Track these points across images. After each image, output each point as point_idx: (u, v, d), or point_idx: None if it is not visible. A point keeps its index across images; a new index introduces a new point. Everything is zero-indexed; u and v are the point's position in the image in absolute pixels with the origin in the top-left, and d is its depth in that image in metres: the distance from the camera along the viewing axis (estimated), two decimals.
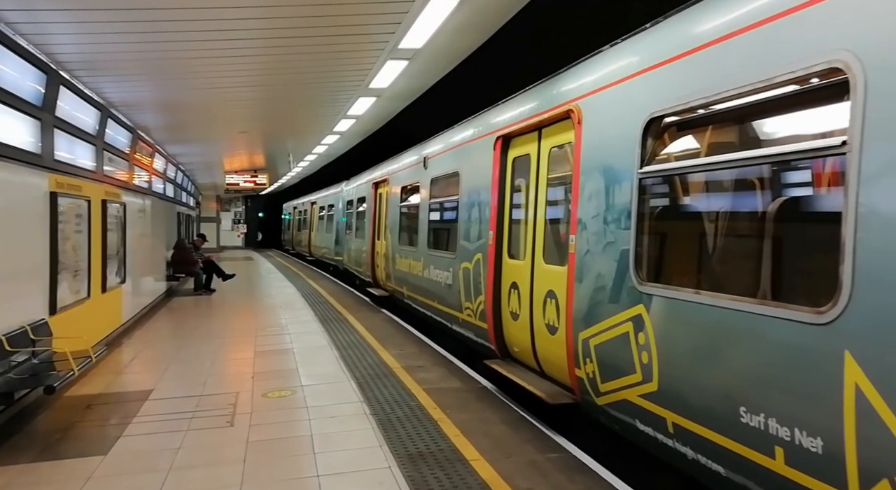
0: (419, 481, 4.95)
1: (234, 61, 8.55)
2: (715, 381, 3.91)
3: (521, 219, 7.39)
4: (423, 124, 16.54)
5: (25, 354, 6.67)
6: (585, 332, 5.44)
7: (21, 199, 6.95)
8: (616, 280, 5.01)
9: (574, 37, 21.59)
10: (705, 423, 3.96)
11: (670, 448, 4.37)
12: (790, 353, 3.35)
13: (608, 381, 5.12)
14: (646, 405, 4.60)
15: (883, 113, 2.91)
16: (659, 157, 4.70)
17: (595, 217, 5.39)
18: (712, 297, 3.92)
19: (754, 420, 3.54)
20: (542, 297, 6.55)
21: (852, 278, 2.98)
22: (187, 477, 5.13)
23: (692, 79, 4.22)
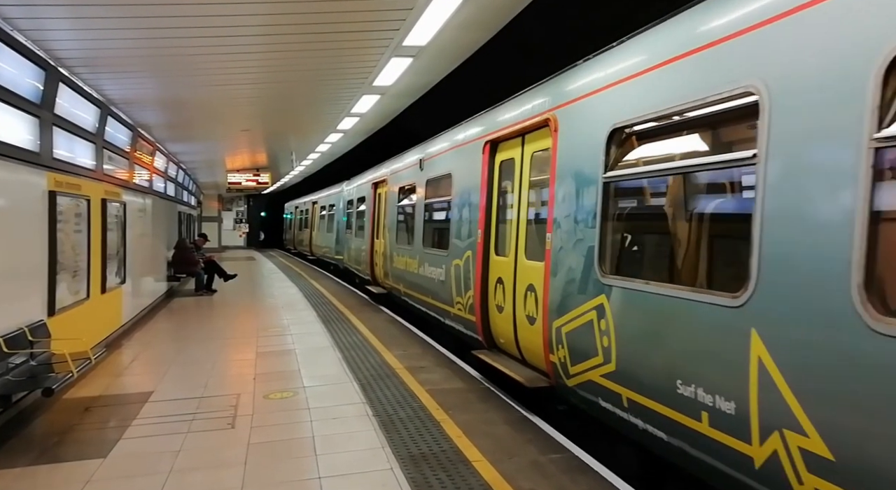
0: (421, 483, 4.89)
1: (236, 58, 8.49)
2: (659, 359, 4.58)
3: (506, 218, 7.96)
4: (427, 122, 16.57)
5: (23, 356, 6.61)
6: (558, 321, 6.06)
7: (19, 199, 6.88)
8: (584, 274, 5.64)
9: (578, 34, 21.52)
10: (651, 396, 4.63)
11: (625, 421, 5.02)
12: (712, 332, 4.03)
13: (576, 365, 5.74)
14: (606, 384, 5.24)
15: (782, 131, 3.55)
16: (619, 163, 5.33)
17: (567, 217, 6.02)
18: (657, 286, 4.63)
19: (687, 391, 4.19)
20: (524, 291, 7.13)
21: (758, 268, 3.63)
22: (188, 480, 5.07)
23: (646, 95, 4.89)
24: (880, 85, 3.00)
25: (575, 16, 24.12)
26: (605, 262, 5.36)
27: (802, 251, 3.38)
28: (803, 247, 3.38)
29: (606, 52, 5.81)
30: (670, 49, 4.66)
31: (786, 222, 3.50)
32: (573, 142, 6.06)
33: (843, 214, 3.15)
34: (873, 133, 3.01)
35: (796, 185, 3.47)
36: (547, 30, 23.32)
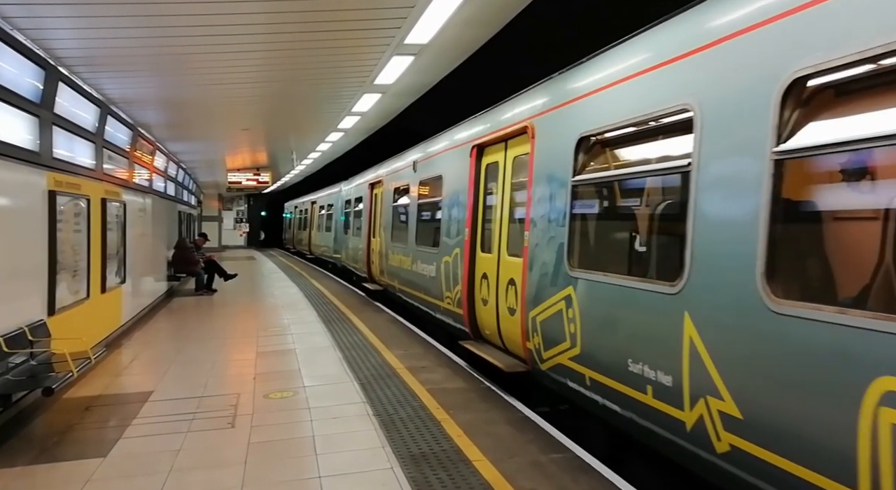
0: (422, 482, 4.88)
1: (236, 57, 8.48)
2: (614, 341, 5.29)
3: (491, 217, 8.58)
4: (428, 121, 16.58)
5: (23, 356, 6.60)
6: (534, 311, 6.72)
7: (19, 198, 6.87)
8: (555, 268, 6.30)
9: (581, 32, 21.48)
10: (608, 374, 5.30)
11: (589, 398, 5.65)
12: (655, 316, 4.67)
13: (548, 350, 6.41)
14: (573, 366, 5.89)
15: (710, 144, 4.19)
16: (585, 168, 5.97)
17: (542, 216, 6.65)
18: (613, 277, 5.32)
19: (636, 368, 4.85)
20: (506, 285, 7.75)
21: (690, 261, 4.28)
22: (187, 479, 5.05)
23: (607, 108, 5.55)
24: (779, 107, 3.61)
25: (578, 12, 24.11)
26: (573, 257, 6.04)
27: (722, 246, 4.04)
28: (723, 242, 4.04)
29: (575, 68, 6.51)
30: (626, 68, 5.33)
31: (710, 222, 4.18)
32: (548, 148, 6.72)
33: (751, 215, 3.76)
34: (773, 147, 3.62)
35: (718, 190, 4.15)
36: (548, 27, 23.29)
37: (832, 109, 3.55)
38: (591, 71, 6.08)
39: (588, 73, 6.11)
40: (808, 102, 3.58)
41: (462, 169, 9.43)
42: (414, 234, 12.24)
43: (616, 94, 5.42)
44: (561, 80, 6.76)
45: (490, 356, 7.74)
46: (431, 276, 10.74)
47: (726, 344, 3.95)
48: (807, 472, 3.33)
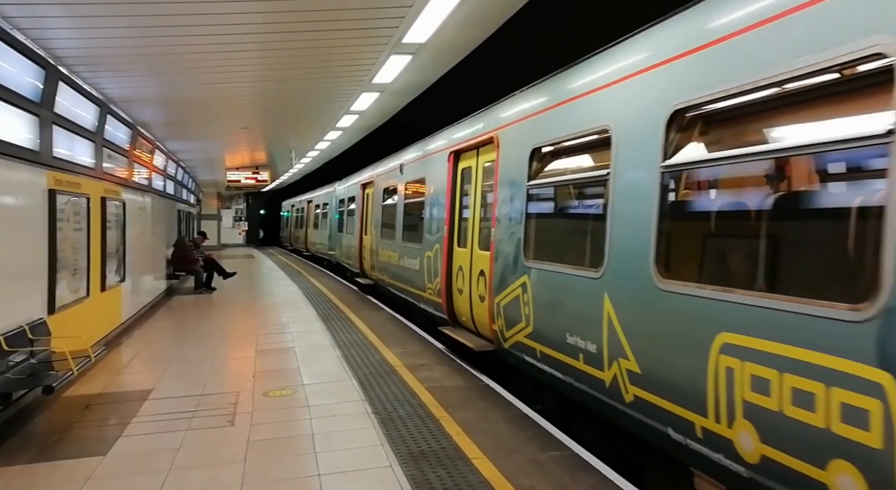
0: (421, 480, 4.90)
1: (235, 56, 8.49)
2: (556, 319, 6.29)
3: (466, 216, 9.56)
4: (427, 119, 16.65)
5: (23, 354, 6.61)
6: (498, 296, 7.68)
7: (19, 197, 6.88)
8: (514, 259, 7.29)
9: (580, 30, 21.49)
10: (552, 347, 6.29)
11: (539, 369, 6.62)
12: (585, 297, 5.63)
13: (509, 330, 7.36)
14: (527, 342, 6.87)
15: (622, 157, 5.25)
16: (538, 175, 7.00)
17: (505, 215, 7.64)
18: (555, 265, 6.38)
19: (572, 340, 5.84)
20: (477, 275, 8.70)
21: (608, 251, 5.29)
22: (187, 477, 5.08)
23: (551, 125, 6.64)
24: (664, 131, 4.62)
25: (575, 11, 24.09)
26: (528, 250, 7.05)
27: (629, 239, 5.04)
28: (629, 237, 5.04)
29: (529, 89, 7.60)
30: (565, 92, 6.43)
31: (622, 220, 5.18)
32: (509, 156, 7.71)
33: (646, 215, 4.76)
34: (661, 162, 4.64)
35: (627, 195, 5.15)
36: (546, 26, 23.27)
37: (699, 134, 4.54)
38: (540, 93, 7.18)
39: (538, 95, 7.20)
40: (683, 128, 4.58)
41: (442, 172, 10.46)
42: (401, 231, 13.24)
43: (559, 114, 6.51)
44: (520, 98, 7.81)
45: (463, 338, 8.72)
46: (416, 270, 11.74)
47: (631, 315, 5.00)
48: (679, 409, 4.35)
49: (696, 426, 4.18)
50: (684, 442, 4.33)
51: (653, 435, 4.73)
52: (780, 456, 3.53)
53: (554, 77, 6.94)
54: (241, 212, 45.75)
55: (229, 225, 44.24)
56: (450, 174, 10.08)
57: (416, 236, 12.02)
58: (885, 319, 2.95)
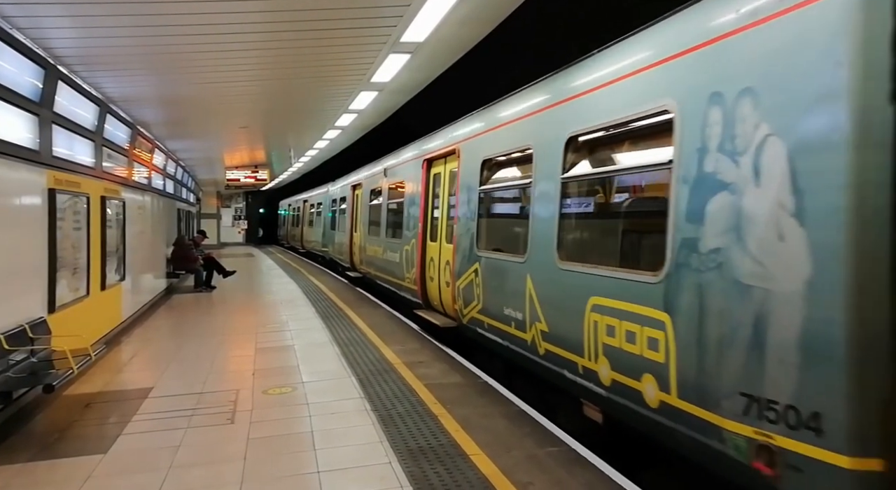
0: (420, 477, 4.93)
1: (234, 55, 8.51)
2: (497, 296, 7.78)
3: (436, 214, 11.03)
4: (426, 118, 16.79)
5: (24, 353, 6.63)
6: (458, 281, 9.14)
7: (19, 196, 6.90)
8: (469, 250, 8.73)
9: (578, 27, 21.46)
10: (495, 318, 7.79)
11: (488, 338, 8.08)
12: (515, 278, 7.17)
13: (466, 308, 8.87)
14: (479, 316, 8.37)
15: (539, 170, 6.68)
16: (486, 181, 8.51)
17: (464, 214, 9.07)
18: (496, 254, 7.99)
19: (507, 311, 7.38)
20: (444, 265, 10.13)
21: (529, 242, 6.80)
22: (187, 475, 5.11)
23: (494, 142, 8.22)
24: (563, 152, 6.16)
25: (573, 9, 24.05)
26: (480, 242, 8.53)
27: (542, 232, 6.56)
28: (543, 229, 6.55)
29: (479, 112, 9.22)
30: (502, 118, 8.06)
31: (538, 218, 6.68)
32: (467, 165, 9.12)
33: (552, 213, 6.34)
34: (560, 175, 6.20)
35: (541, 198, 6.64)
36: (544, 25, 23.25)
37: (582, 155, 6.12)
38: (487, 115, 8.78)
39: (486, 116, 8.79)
40: (573, 150, 6.14)
41: (417, 177, 11.98)
42: (384, 228, 14.79)
43: (500, 133, 8.06)
44: (475, 118, 9.37)
45: (433, 318, 10.17)
46: (397, 262, 13.27)
47: (543, 289, 6.54)
48: (570, 354, 5.88)
49: (579, 365, 5.74)
50: (573, 379, 5.88)
51: (557, 377, 6.24)
52: (621, 377, 5.08)
53: (497, 103, 8.55)
54: (240, 211, 45.76)
55: (229, 224, 44.26)
56: (423, 178, 11.64)
57: (397, 232, 13.53)
58: (666, 281, 4.52)
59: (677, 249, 4.45)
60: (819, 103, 3.44)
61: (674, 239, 4.49)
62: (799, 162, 3.53)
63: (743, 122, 3.96)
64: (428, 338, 10.41)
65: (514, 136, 7.60)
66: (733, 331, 3.89)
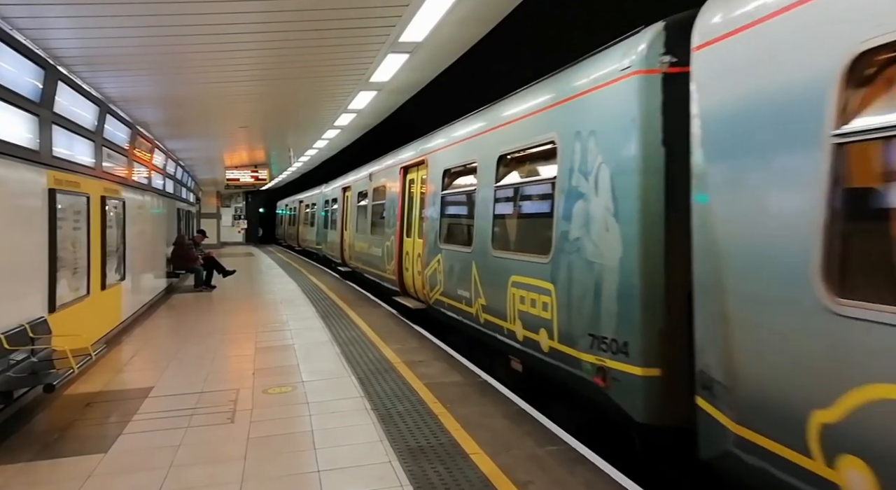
0: (419, 476, 4.94)
1: (233, 55, 8.52)
2: (454, 280, 9.39)
3: (410, 214, 12.86)
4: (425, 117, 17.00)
5: (24, 353, 6.64)
6: (426, 270, 10.97)
7: (20, 196, 6.91)
8: (434, 244, 10.58)
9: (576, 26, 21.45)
10: (452, 298, 9.46)
11: (450, 316, 9.69)
12: (464, 264, 8.83)
13: (432, 292, 10.64)
14: (441, 298, 10.10)
15: (481, 179, 8.47)
16: (447, 187, 10.31)
17: (430, 214, 10.96)
18: (452, 246, 9.64)
19: (459, 292, 9.05)
20: (416, 257, 11.89)
21: (475, 236, 8.49)
22: (188, 474, 5.12)
23: (454, 156, 9.97)
24: (496, 165, 7.92)
25: (573, 9, 24.03)
26: (441, 237, 10.34)
27: (482, 228, 8.27)
28: (483, 226, 8.26)
29: (442, 129, 11.20)
30: (455, 136, 10.04)
31: (480, 217, 8.41)
32: (433, 173, 11.06)
33: (489, 213, 8.10)
34: (494, 184, 7.98)
35: (482, 202, 8.35)
36: (543, 24, 23.24)
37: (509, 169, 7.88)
38: (447, 132, 10.74)
39: (446, 134, 10.73)
40: (503, 165, 7.93)
41: (396, 181, 13.78)
42: (369, 226, 16.71)
43: (455, 149, 10.00)
44: (439, 134, 11.24)
45: (407, 302, 12.13)
46: (379, 256, 15.21)
47: (482, 273, 8.29)
48: (500, 321, 7.60)
49: (505, 328, 7.50)
50: (502, 339, 7.61)
51: (492, 340, 7.98)
52: (528, 334, 6.87)
53: (454, 123, 10.56)
54: (240, 210, 45.79)
55: (229, 223, 44.28)
56: (401, 183, 13.45)
57: (380, 230, 15.42)
58: (552, 261, 6.36)
59: (558, 239, 6.31)
60: (624, 144, 5.33)
61: (556, 232, 6.33)
62: (616, 181, 5.42)
63: (590, 152, 5.81)
64: (429, 338, 10.42)
65: (465, 151, 9.46)
66: (584, 293, 5.79)
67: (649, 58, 5.21)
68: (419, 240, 11.65)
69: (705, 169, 4.29)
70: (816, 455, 3.25)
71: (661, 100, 5.13)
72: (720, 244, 4.09)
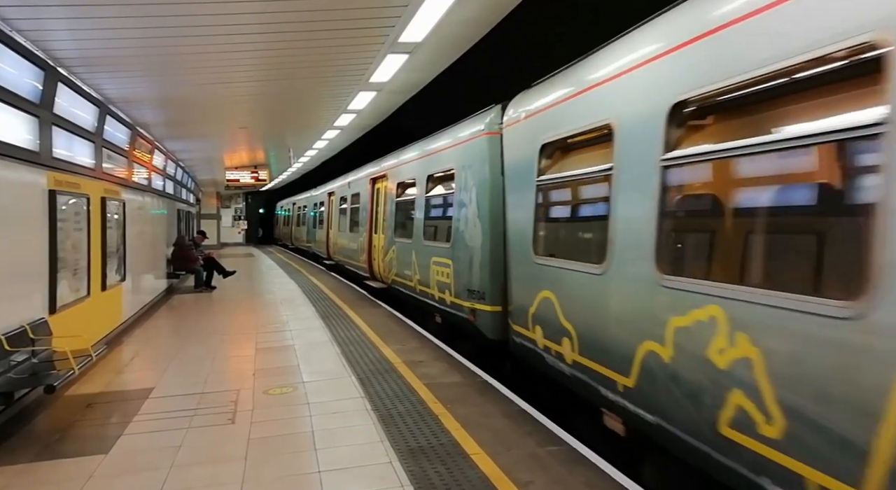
0: (420, 476, 4.95)
1: (233, 56, 8.52)
2: (403, 265, 12.98)
3: (377, 217, 16.29)
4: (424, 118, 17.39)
5: (25, 354, 6.64)
6: (385, 258, 14.49)
7: (20, 198, 6.92)
8: (391, 238, 13.99)
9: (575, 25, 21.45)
10: (402, 278, 13.08)
11: (400, 291, 13.29)
12: (407, 252, 12.64)
13: (390, 275, 14.11)
14: (396, 278, 13.58)
15: (419, 191, 12.25)
16: (401, 196, 13.75)
17: (388, 216, 14.43)
18: (403, 239, 13.14)
19: (406, 273, 12.68)
20: (380, 248, 15.27)
21: (414, 232, 12.30)
22: (188, 475, 5.12)
23: (403, 173, 13.57)
24: (426, 182, 11.68)
25: (572, 9, 24.03)
26: (395, 233, 13.63)
27: (418, 226, 11.93)
28: (419, 225, 11.91)
29: (397, 152, 14.61)
30: (403, 159, 13.72)
31: (416, 218, 12.09)
32: (390, 184, 14.50)
33: (423, 215, 11.78)
34: (425, 194, 11.82)
35: (418, 207, 12.08)
36: (543, 25, 23.24)
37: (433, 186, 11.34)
38: (398, 155, 14.23)
39: (398, 156, 14.23)
40: (431, 182, 11.33)
41: (367, 190, 17.36)
42: (348, 225, 20.31)
43: (402, 169, 13.48)
44: (395, 154, 14.72)
45: (374, 284, 15.87)
46: (355, 249, 18.92)
47: (418, 257, 11.62)
48: (428, 289, 11.06)
49: (430, 293, 10.94)
50: (429, 302, 10.96)
51: (425, 305, 11.38)
52: (440, 295, 10.39)
53: (403, 149, 13.94)
54: (240, 211, 45.76)
55: (229, 224, 44.27)
56: (370, 191, 17.00)
57: (355, 228, 19.04)
58: (451, 246, 9.94)
59: (454, 232, 9.82)
60: (480, 173, 8.92)
61: (454, 227, 9.83)
62: (478, 195, 8.92)
63: (469, 178, 9.33)
64: (429, 338, 10.44)
65: (409, 170, 13.10)
66: (465, 265, 9.29)
67: (491, 125, 8.83)
68: (382, 235, 15.29)
69: (507, 190, 8.09)
70: (532, 327, 7.09)
71: (499, 149, 8.53)
72: (509, 233, 7.97)
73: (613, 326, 5.33)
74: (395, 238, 13.61)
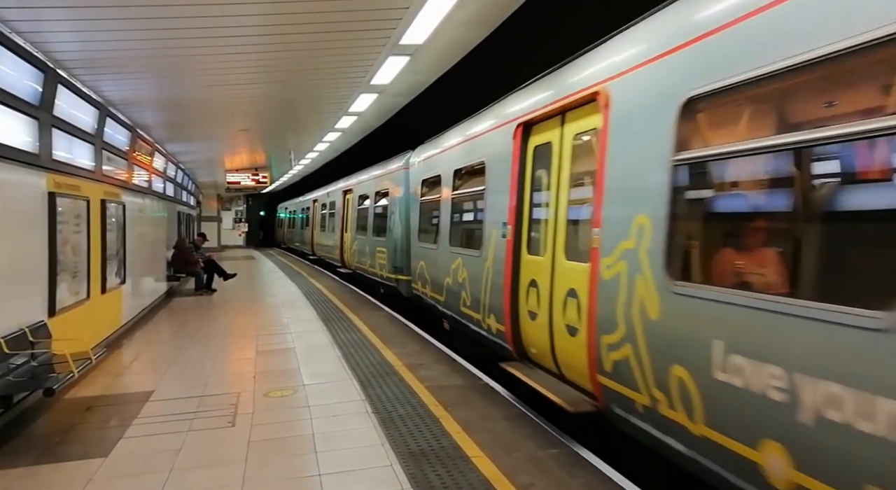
0: (421, 479, 4.93)
1: (234, 58, 8.51)
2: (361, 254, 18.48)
3: (346, 219, 21.15)
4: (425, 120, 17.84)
5: (24, 357, 6.62)
6: (351, 250, 20.02)
7: (19, 200, 6.90)
8: (354, 236, 19.63)
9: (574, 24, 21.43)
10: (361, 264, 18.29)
11: (361, 274, 18.66)
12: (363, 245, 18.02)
13: (355, 263, 19.29)
14: (357, 264, 18.85)
15: (371, 203, 17.48)
16: (359, 204, 19.25)
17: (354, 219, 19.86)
18: (361, 235, 18.71)
19: (363, 260, 17.87)
20: (350, 243, 20.15)
21: (368, 230, 17.76)
22: (188, 478, 5.11)
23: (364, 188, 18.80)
24: (374, 196, 17.09)
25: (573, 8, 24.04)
26: (357, 232, 18.95)
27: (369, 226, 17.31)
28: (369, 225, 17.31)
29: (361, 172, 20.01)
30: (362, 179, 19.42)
31: (369, 221, 17.34)
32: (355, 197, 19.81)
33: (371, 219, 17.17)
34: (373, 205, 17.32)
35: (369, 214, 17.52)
36: (542, 25, 23.25)
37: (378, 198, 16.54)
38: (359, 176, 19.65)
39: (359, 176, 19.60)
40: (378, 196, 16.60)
41: (340, 199, 22.14)
42: (328, 227, 24.89)
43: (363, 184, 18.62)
44: (359, 174, 19.75)
45: (343, 269, 20.32)
46: (332, 245, 23.56)
47: (369, 248, 16.79)
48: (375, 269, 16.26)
49: (377, 273, 16.00)
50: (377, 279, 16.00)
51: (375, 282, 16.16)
52: (383, 273, 15.24)
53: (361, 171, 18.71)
54: (240, 213, 45.82)
55: (229, 226, 44.30)
56: (341, 200, 21.83)
57: (332, 229, 23.79)
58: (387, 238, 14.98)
59: (389, 229, 14.65)
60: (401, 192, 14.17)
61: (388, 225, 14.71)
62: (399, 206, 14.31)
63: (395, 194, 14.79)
64: (430, 341, 10.43)
65: (367, 187, 17.73)
66: (393, 250, 14.20)
67: (406, 163, 13.78)
68: (349, 234, 20.36)
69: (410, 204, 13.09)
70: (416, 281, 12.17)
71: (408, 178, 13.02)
72: (410, 229, 12.91)
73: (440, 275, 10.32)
74: (356, 235, 19.01)
